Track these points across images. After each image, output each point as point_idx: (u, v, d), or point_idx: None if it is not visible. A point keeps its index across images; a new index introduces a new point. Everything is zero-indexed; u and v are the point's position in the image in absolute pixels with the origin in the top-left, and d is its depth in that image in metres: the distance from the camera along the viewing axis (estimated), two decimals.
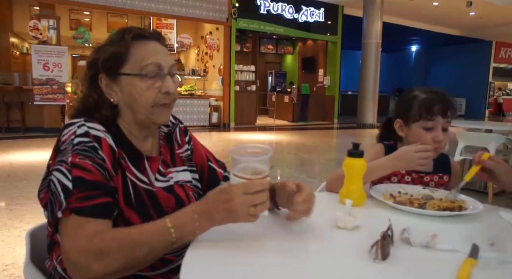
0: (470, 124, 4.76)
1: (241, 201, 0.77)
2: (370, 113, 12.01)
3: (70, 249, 0.76)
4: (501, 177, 1.12)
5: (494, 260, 0.73)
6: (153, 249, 0.78)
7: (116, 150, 0.91)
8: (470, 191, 4.17)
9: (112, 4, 8.84)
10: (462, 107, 19.55)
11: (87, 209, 0.79)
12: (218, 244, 0.82)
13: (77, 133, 0.86)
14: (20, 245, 2.51)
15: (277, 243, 0.84)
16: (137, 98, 0.92)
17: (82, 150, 0.84)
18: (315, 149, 7.47)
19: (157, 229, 0.79)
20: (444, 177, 1.41)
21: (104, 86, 0.95)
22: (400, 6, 12.40)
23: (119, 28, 0.98)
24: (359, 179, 1.12)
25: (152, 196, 0.94)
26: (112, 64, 0.93)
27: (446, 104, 1.31)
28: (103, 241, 0.76)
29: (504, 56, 19.70)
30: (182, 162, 1.09)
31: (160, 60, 0.93)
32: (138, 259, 0.78)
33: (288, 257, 0.77)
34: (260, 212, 0.80)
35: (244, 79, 11.74)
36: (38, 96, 7.97)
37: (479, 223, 0.99)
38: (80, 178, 0.81)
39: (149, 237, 0.78)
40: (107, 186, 0.84)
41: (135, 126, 0.98)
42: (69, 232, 0.78)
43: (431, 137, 1.31)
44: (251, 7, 10.92)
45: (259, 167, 0.82)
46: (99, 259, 0.74)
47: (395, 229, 0.82)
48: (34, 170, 4.75)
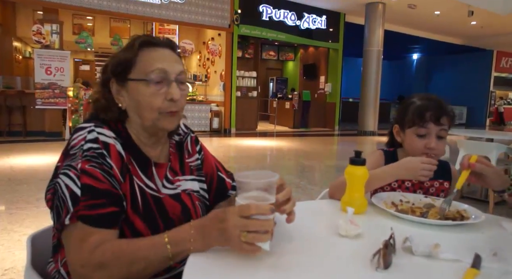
0: (471, 133, 4.76)
1: (234, 223, 0.74)
2: (371, 121, 12.01)
3: (74, 261, 0.79)
4: (489, 178, 1.12)
5: (497, 271, 0.73)
6: (150, 264, 0.79)
7: (124, 156, 0.92)
8: (470, 200, 4.16)
9: (115, 9, 8.90)
10: (463, 116, 19.58)
11: (94, 218, 0.81)
12: (220, 251, 0.81)
13: (87, 138, 0.87)
14: (20, 249, 2.50)
15: (279, 251, 0.83)
16: (142, 104, 0.93)
17: (91, 156, 0.85)
18: (315, 156, 7.47)
19: (155, 244, 0.80)
20: (445, 184, 1.41)
21: (114, 91, 0.96)
22: (402, 14, 12.46)
23: (133, 35, 0.99)
24: (361, 187, 1.12)
25: (158, 203, 0.95)
26: (121, 70, 0.94)
27: (439, 112, 1.30)
28: (104, 254, 0.78)
29: (505, 66, 19.76)
30: (190, 171, 1.09)
31: (166, 66, 0.94)
32: (137, 272, 0.79)
33: (290, 265, 0.76)
34: (254, 241, 0.73)
35: (246, 85, 11.78)
36: (40, 100, 8.00)
37: (481, 233, 0.98)
38: (89, 186, 0.82)
39: (146, 252, 0.79)
40: (115, 195, 0.86)
41: (143, 133, 0.99)
42: (74, 242, 0.80)
43: (423, 144, 1.31)
44: (253, 14, 10.98)
45: (264, 195, 0.79)
46: (98, 271, 0.77)
47: (397, 237, 0.82)
48: (35, 174, 4.74)
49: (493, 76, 19.34)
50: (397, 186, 1.39)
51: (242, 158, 6.73)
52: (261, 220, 0.74)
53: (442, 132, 1.32)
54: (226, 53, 10.78)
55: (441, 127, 1.31)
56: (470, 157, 1.12)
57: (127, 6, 9.00)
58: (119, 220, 0.86)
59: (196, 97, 10.97)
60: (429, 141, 1.31)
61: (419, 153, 1.33)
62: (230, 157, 6.96)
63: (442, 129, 1.31)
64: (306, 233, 0.94)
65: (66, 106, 8.19)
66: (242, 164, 6.13)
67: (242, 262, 0.76)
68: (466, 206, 1.13)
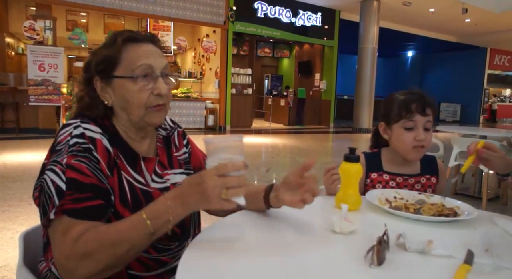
0: (465, 130, 4.79)
1: (214, 184, 0.76)
2: (366, 118, 12.06)
3: (58, 254, 0.78)
4: (495, 163, 1.14)
5: (489, 266, 0.74)
6: (134, 243, 0.79)
7: (111, 151, 0.92)
8: (464, 196, 4.20)
9: (109, 5, 8.83)
10: (457, 113, 19.70)
11: (79, 211, 0.80)
12: (214, 247, 0.81)
13: (73, 134, 0.87)
14: (13, 247, 2.49)
15: (273, 247, 0.83)
16: (129, 101, 0.93)
17: (77, 151, 0.85)
18: (310, 153, 7.48)
19: (134, 223, 0.80)
20: (431, 179, 1.42)
21: (98, 88, 0.96)
22: (397, 11, 12.49)
23: (113, 31, 0.99)
24: (355, 184, 1.13)
25: (148, 196, 0.94)
26: (104, 67, 0.94)
27: (424, 102, 1.34)
28: (86, 243, 0.77)
29: (499, 63, 19.88)
30: (179, 165, 1.09)
31: (151, 62, 0.94)
32: (122, 255, 0.78)
33: (284, 261, 0.77)
34: (234, 196, 0.77)
35: (241, 82, 11.75)
36: (33, 97, 7.93)
37: (474, 229, 0.99)
38: (75, 180, 0.82)
39: (127, 232, 0.79)
40: (101, 189, 0.85)
41: (131, 128, 0.99)
42: (58, 236, 0.80)
43: (412, 137, 1.34)
44: (248, 11, 10.95)
45: (233, 157, 0.81)
46: (84, 261, 0.76)
47: (391, 234, 0.82)
48: (28, 172, 4.71)
49: (486, 74, 19.46)
50: (381, 187, 1.40)
51: None
52: (236, 176, 0.78)
53: (428, 123, 1.35)
54: (221, 50, 10.75)
55: (427, 119, 1.34)
56: (478, 143, 1.14)
57: (121, 2, 8.93)
58: (105, 214, 0.85)
59: (191, 94, 10.94)
60: (417, 133, 1.33)
61: (409, 147, 1.35)
62: None
63: (428, 121, 1.35)
64: (300, 229, 0.94)
65: (60, 103, 8.12)
66: None
67: (236, 258, 0.76)
68: (459, 202, 1.14)
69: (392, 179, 1.41)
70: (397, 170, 1.42)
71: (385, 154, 1.46)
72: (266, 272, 0.72)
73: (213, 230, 0.92)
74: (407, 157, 1.38)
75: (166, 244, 0.95)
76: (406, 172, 1.42)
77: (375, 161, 1.45)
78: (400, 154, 1.40)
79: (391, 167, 1.43)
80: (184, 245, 0.99)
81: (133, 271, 0.90)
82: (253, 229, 0.94)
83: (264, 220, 0.98)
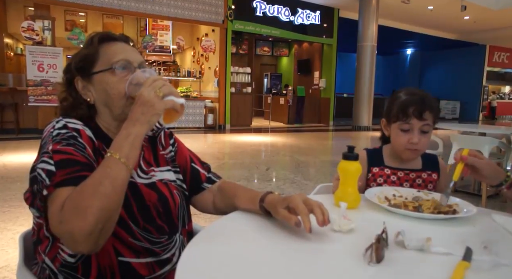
0: (464, 127, 4.79)
1: (147, 89, 0.86)
2: (365, 116, 12.06)
3: (54, 222, 0.80)
4: (483, 171, 1.13)
5: (487, 263, 0.74)
6: (113, 176, 0.80)
7: (95, 142, 0.95)
8: (463, 193, 4.20)
9: (108, 5, 8.82)
10: (457, 110, 19.70)
11: (68, 180, 0.82)
12: (214, 245, 0.82)
13: (56, 127, 0.91)
14: (13, 247, 2.49)
15: (272, 246, 0.84)
16: (110, 93, 0.97)
17: (62, 139, 0.88)
18: (310, 151, 7.48)
19: (104, 163, 0.83)
20: (433, 175, 1.42)
21: (80, 88, 1.00)
22: (396, 9, 12.49)
23: (89, 34, 1.05)
24: (354, 182, 1.13)
25: (133, 188, 0.96)
26: (84, 65, 0.99)
27: (422, 107, 1.31)
28: (71, 200, 0.78)
29: (498, 60, 19.88)
30: (166, 162, 1.11)
31: (128, 56, 1.00)
32: (108, 193, 0.78)
33: (283, 259, 0.77)
34: (166, 91, 0.88)
35: (240, 81, 11.75)
36: (33, 97, 7.93)
37: (472, 226, 0.99)
38: (63, 160, 0.84)
39: (102, 172, 0.81)
40: (90, 163, 0.87)
41: (113, 122, 1.01)
42: (50, 207, 0.81)
43: (406, 139, 1.34)
44: (247, 9, 10.94)
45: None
46: (75, 217, 0.76)
47: (390, 232, 0.82)
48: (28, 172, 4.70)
49: (486, 71, 19.46)
50: (382, 182, 1.41)
51: (237, 154, 6.72)
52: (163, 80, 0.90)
53: (425, 127, 1.34)
54: (220, 49, 10.74)
55: (424, 123, 1.32)
56: (462, 151, 1.14)
57: (119, 2, 8.92)
58: None
59: (190, 94, 10.93)
60: (412, 136, 1.33)
61: (402, 148, 1.36)
62: (225, 153, 6.96)
63: (425, 124, 1.33)
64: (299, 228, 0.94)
65: None
66: (237, 160, 6.13)
67: (235, 257, 0.77)
68: (458, 200, 1.14)
69: (393, 173, 1.41)
70: (398, 165, 1.43)
71: (386, 150, 1.47)
72: (265, 270, 0.72)
73: (213, 230, 0.92)
74: (401, 156, 1.40)
75: (156, 237, 0.96)
76: (407, 167, 1.42)
77: (377, 156, 1.46)
78: (396, 152, 1.41)
79: (392, 162, 1.44)
80: (173, 239, 1.00)
81: (123, 258, 0.91)
82: (252, 228, 0.94)
83: (263, 219, 0.98)
